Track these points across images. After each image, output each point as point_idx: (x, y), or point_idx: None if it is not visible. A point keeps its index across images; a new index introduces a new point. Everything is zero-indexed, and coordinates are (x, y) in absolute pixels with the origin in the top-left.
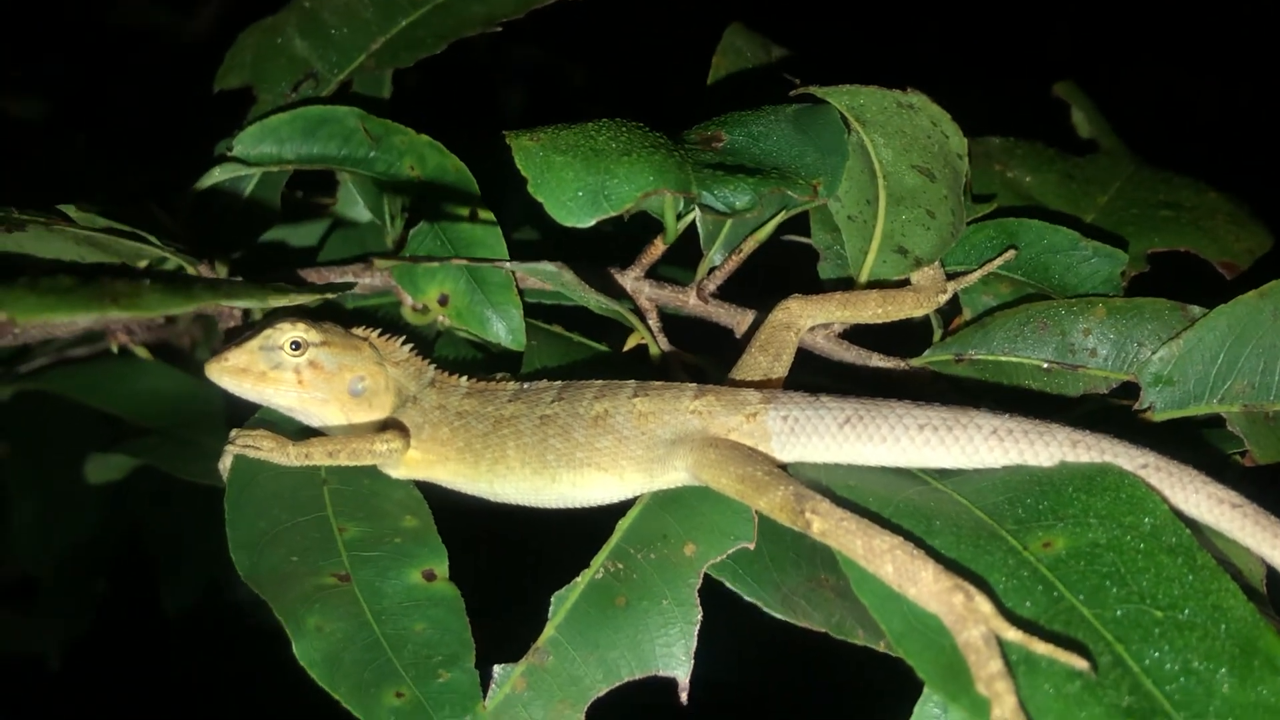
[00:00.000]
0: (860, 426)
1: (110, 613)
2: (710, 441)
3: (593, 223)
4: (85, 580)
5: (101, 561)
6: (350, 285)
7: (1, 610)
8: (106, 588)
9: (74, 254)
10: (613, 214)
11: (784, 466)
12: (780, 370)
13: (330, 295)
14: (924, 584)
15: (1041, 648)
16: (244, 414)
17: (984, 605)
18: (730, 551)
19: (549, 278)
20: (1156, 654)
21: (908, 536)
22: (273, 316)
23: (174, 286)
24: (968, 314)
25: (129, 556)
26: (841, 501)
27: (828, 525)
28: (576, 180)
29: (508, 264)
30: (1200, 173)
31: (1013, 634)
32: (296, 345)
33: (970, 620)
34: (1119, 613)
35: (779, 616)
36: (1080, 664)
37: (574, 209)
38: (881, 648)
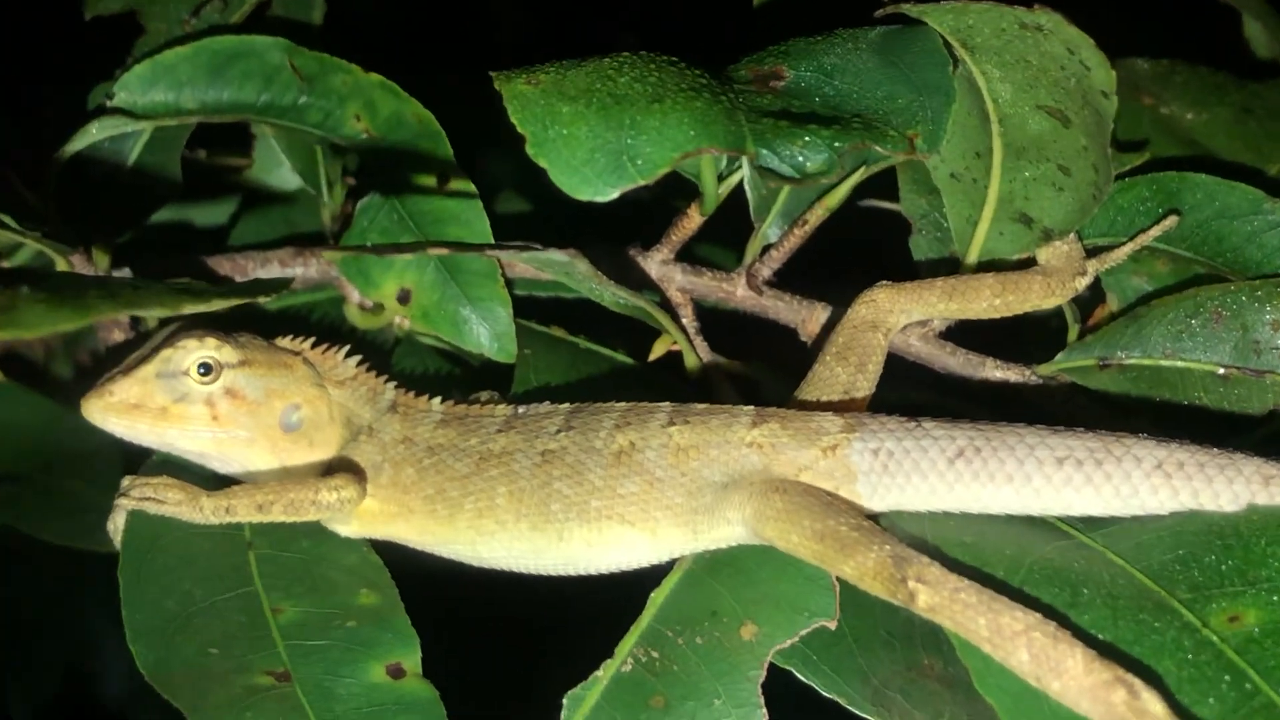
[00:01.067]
0: (978, 462)
1: None
2: (775, 485)
3: (616, 195)
4: None
5: None
6: (286, 283)
7: None
8: None
9: None
10: (642, 182)
11: (874, 517)
12: (865, 386)
13: (263, 299)
14: (1072, 676)
15: None
16: (135, 456)
17: (1154, 704)
18: (804, 633)
19: (556, 268)
20: None
21: (1047, 612)
22: (170, 328)
23: (61, 296)
24: (1114, 303)
25: None
26: (955, 565)
27: (939, 598)
28: (592, 138)
29: (497, 250)
30: None
31: None
32: (206, 369)
33: None
34: None
35: (869, 718)
36: None
37: (590, 177)
38: None
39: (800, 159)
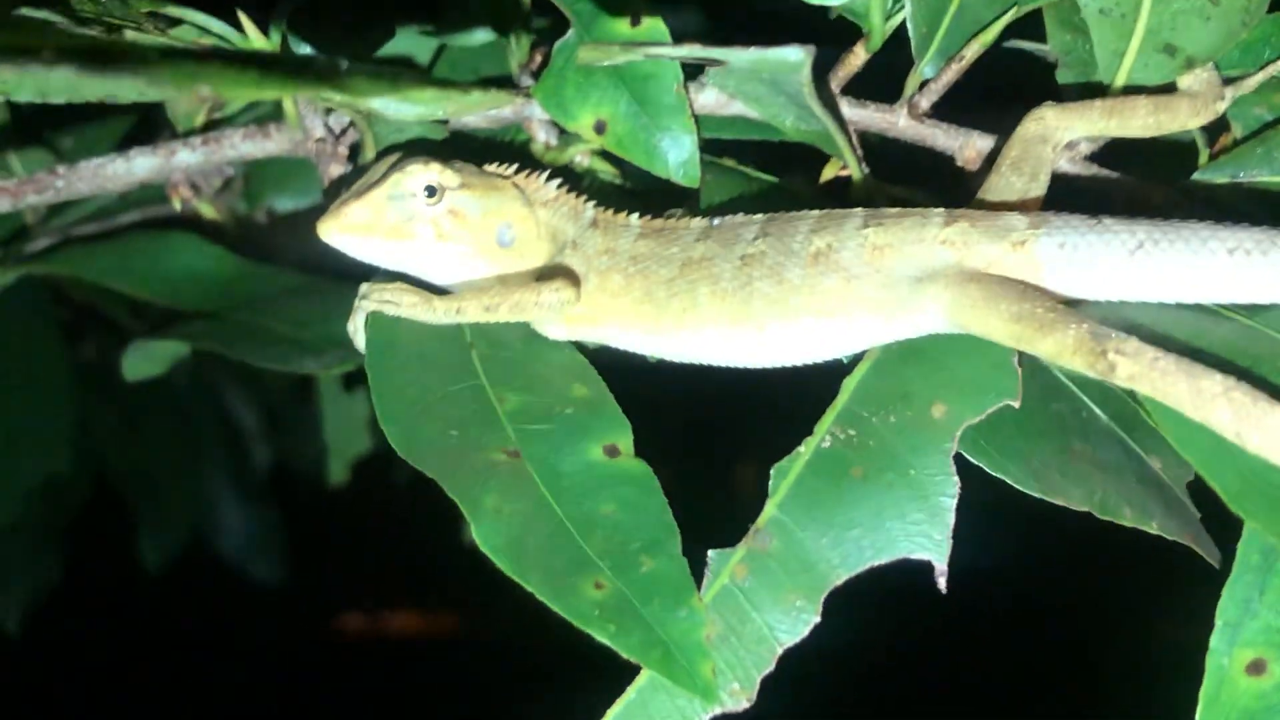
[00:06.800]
0: (1156, 253)
1: (78, 568)
2: (970, 276)
3: None
4: (50, 531)
5: (68, 508)
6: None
7: None
8: (73, 539)
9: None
10: None
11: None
12: (1038, 192)
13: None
14: (1272, 431)
15: None
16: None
17: None
18: (991, 411)
19: (788, 69)
20: None
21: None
22: (389, 159)
23: (377, 73)
24: (1237, 131)
25: (98, 501)
26: (1147, 339)
27: (1138, 367)
28: None
29: (742, 53)
30: None
31: None
32: (431, 191)
33: None
34: None
35: (1033, 493)
36: None
37: None
38: (1154, 529)
39: None
